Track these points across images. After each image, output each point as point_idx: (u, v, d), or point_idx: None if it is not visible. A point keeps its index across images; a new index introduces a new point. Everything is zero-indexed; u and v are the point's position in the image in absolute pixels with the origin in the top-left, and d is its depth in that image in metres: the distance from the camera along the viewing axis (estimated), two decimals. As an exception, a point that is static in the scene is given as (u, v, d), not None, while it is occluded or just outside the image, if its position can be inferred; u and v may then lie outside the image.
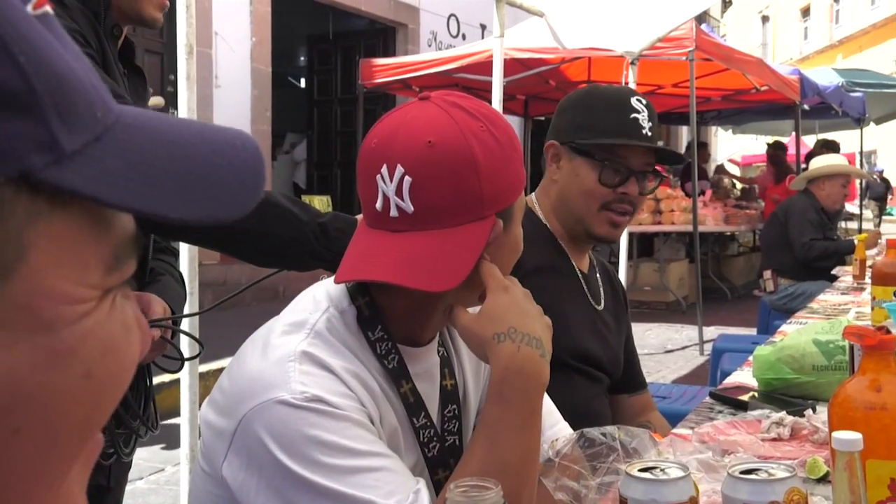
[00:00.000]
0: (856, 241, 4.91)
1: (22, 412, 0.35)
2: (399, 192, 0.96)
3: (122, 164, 0.37)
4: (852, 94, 10.38)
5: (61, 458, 0.37)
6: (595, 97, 1.74)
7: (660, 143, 1.74)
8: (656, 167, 1.74)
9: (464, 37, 10.81)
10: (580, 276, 1.76)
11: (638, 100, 1.69)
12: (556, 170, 1.73)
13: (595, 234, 1.71)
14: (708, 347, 5.61)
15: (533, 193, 1.80)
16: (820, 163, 4.99)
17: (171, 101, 7.42)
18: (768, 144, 10.02)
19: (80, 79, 0.36)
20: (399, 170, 0.97)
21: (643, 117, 1.66)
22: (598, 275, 1.84)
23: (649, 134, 1.66)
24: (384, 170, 0.98)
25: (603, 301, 1.81)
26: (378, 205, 0.98)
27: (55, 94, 0.34)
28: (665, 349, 6.36)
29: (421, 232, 0.97)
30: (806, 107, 9.15)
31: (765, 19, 34.43)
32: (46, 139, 0.34)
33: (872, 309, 2.35)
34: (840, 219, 6.55)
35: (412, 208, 0.96)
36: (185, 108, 2.44)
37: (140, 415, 1.44)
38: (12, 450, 0.35)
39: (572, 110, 1.74)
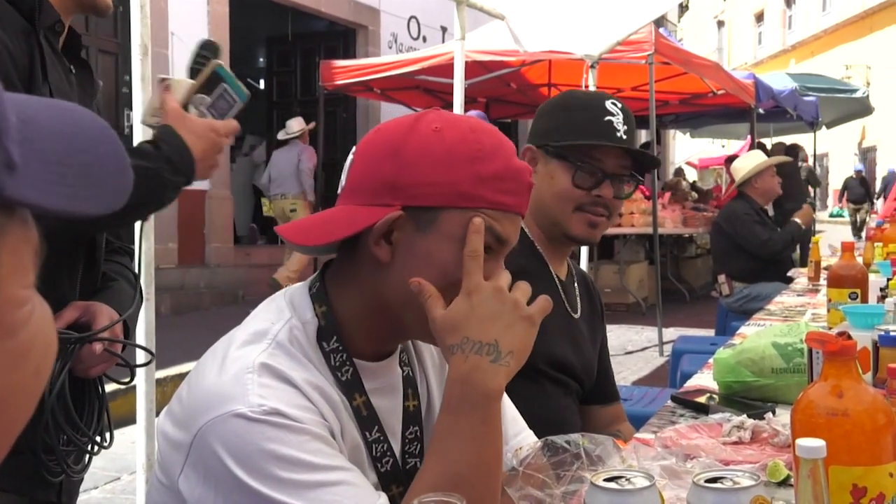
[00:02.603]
0: (800, 223, 5.00)
1: None
2: (347, 172, 1.03)
3: (43, 168, 0.38)
4: (806, 99, 10.60)
5: (4, 452, 0.39)
6: (570, 100, 1.75)
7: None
8: (633, 172, 1.73)
9: (424, 39, 10.81)
10: (558, 283, 1.74)
11: (613, 103, 1.69)
12: (532, 174, 1.71)
13: (573, 235, 1.70)
14: (667, 348, 5.67)
15: None
16: (743, 165, 5.05)
17: (126, 102, 7.28)
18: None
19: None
20: (353, 151, 1.04)
21: (618, 120, 1.66)
22: (575, 283, 1.83)
23: (624, 137, 1.66)
24: (350, 155, 1.04)
25: (580, 310, 1.80)
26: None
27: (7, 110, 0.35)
28: (625, 350, 6.41)
29: (339, 206, 1.02)
30: (761, 110, 9.32)
31: (720, 24, 35.02)
32: (5, 157, 0.35)
33: (828, 311, 2.39)
34: (783, 213, 6.56)
35: (343, 184, 1.02)
36: (141, 109, 2.39)
37: (88, 433, 1.38)
38: None
39: (549, 114, 1.74)
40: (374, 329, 1.03)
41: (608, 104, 1.68)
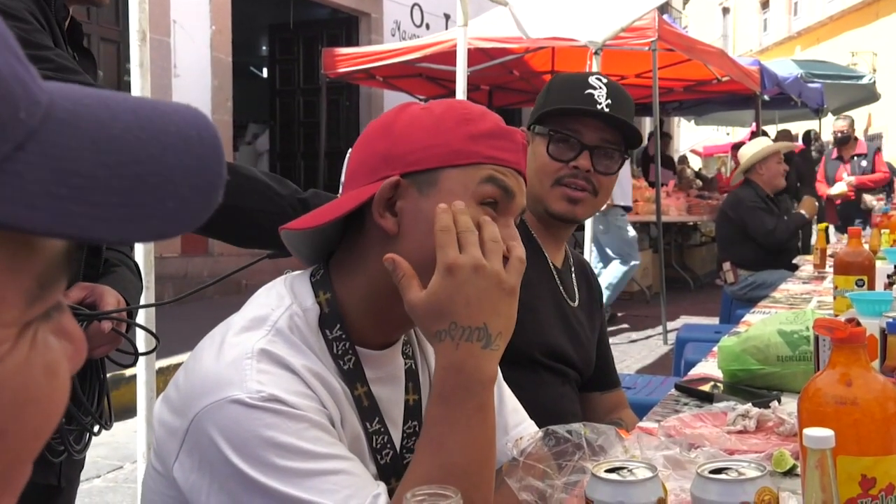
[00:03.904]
0: (805, 214, 4.99)
1: None
2: (344, 168, 1.08)
3: (50, 178, 0.30)
4: (811, 85, 10.51)
5: None
6: (556, 79, 1.74)
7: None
8: (624, 150, 1.67)
9: (427, 26, 10.75)
10: (554, 270, 1.72)
11: (598, 79, 1.64)
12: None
13: (552, 211, 1.65)
14: (672, 337, 5.65)
15: None
16: (749, 150, 5.01)
17: (128, 89, 7.25)
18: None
19: (1, 73, 0.29)
20: (349, 152, 1.07)
21: (600, 94, 1.61)
22: (573, 270, 1.80)
23: (607, 110, 1.60)
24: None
25: (577, 298, 1.77)
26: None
27: None
28: (629, 339, 6.39)
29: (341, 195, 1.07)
30: (766, 97, 9.26)
31: (725, 11, 34.79)
32: None
33: (834, 298, 2.37)
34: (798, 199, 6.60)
35: (343, 178, 1.06)
36: (139, 96, 2.37)
37: (92, 411, 1.38)
38: None
39: (538, 96, 1.72)
40: (382, 315, 1.01)
41: (592, 79, 1.64)
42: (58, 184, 0.30)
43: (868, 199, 7.64)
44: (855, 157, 8.28)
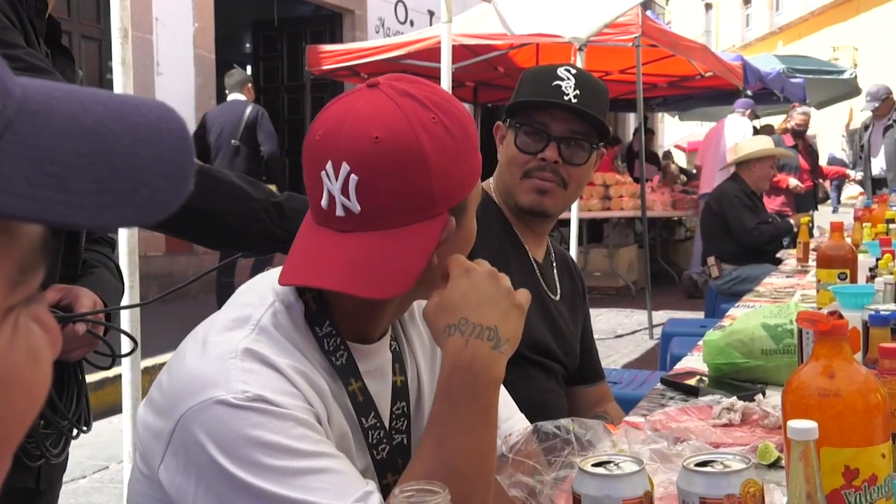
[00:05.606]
0: (793, 223, 5.04)
1: None
2: (345, 191, 0.91)
3: (28, 166, 0.31)
4: (793, 80, 10.58)
5: None
6: (528, 72, 1.75)
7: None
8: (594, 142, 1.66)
9: (412, 23, 10.73)
10: (535, 264, 1.72)
11: (567, 70, 1.64)
12: (500, 149, 1.71)
13: (521, 204, 1.66)
14: (657, 331, 5.67)
15: (490, 178, 1.77)
16: (749, 145, 5.02)
17: (110, 87, 7.18)
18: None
19: None
20: (345, 167, 0.91)
21: (568, 84, 1.61)
22: (554, 264, 1.80)
23: (574, 101, 1.60)
24: (329, 167, 0.92)
25: (559, 291, 1.78)
26: (324, 203, 0.94)
27: None
28: (615, 334, 6.42)
29: (368, 233, 0.92)
30: (749, 92, 9.32)
31: (708, 7, 34.95)
32: None
33: (817, 291, 2.39)
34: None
35: (359, 208, 0.91)
36: (108, 91, 2.36)
37: (69, 416, 1.36)
38: None
39: (514, 90, 1.73)
40: (371, 310, 1.00)
41: (560, 70, 1.64)
42: (36, 172, 0.31)
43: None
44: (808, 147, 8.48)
